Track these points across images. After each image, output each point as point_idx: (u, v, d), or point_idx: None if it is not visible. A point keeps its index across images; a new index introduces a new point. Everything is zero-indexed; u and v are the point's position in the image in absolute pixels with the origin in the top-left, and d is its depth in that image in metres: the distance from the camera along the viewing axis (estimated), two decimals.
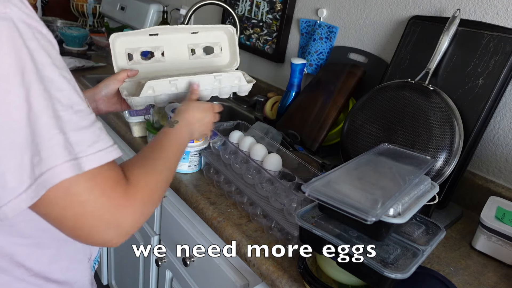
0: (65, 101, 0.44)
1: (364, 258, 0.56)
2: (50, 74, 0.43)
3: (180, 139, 0.72)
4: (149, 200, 0.53)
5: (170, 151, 0.66)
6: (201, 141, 0.99)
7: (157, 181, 0.56)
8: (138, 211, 0.50)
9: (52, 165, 0.42)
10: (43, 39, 0.44)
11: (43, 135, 0.42)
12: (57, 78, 0.44)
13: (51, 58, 0.44)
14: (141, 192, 0.51)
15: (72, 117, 0.44)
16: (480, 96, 0.90)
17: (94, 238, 0.47)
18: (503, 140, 0.97)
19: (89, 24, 2.57)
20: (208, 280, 0.94)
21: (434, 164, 0.86)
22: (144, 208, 0.51)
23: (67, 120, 0.44)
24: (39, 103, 0.41)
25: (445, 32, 0.95)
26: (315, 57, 1.35)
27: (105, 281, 1.65)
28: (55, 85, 0.43)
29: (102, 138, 0.47)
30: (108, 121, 1.31)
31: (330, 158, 1.16)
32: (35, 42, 0.42)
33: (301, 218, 0.64)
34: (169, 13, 2.05)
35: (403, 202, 0.59)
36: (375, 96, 1.01)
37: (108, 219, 0.47)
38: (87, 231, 0.46)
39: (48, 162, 0.42)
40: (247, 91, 0.98)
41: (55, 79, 0.43)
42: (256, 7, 1.57)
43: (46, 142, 0.42)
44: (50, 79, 0.43)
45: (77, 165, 0.43)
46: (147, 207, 0.53)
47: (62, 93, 0.44)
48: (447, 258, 0.81)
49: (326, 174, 0.65)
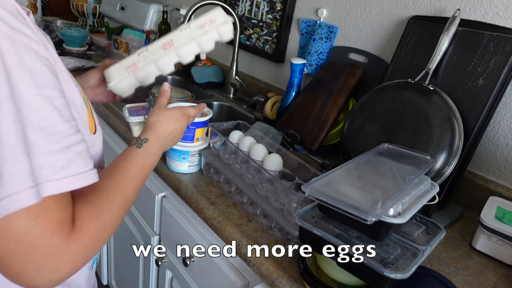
0: (37, 122, 0.42)
1: (364, 258, 0.56)
2: (26, 93, 0.41)
3: (147, 162, 0.65)
4: (95, 244, 0.49)
5: (131, 181, 0.59)
6: (201, 141, 0.99)
7: (108, 222, 0.52)
8: (79, 257, 0.47)
9: (12, 191, 0.40)
10: (30, 55, 0.42)
11: (8, 159, 0.40)
12: (34, 98, 0.42)
13: (34, 76, 0.42)
14: (86, 237, 0.47)
15: (41, 140, 0.42)
16: (480, 96, 0.90)
17: (22, 281, 0.44)
18: (503, 140, 0.97)
19: (89, 24, 2.57)
20: (208, 280, 0.94)
21: (434, 164, 0.86)
22: (87, 253, 0.48)
23: (34, 143, 0.42)
24: (7, 124, 0.40)
25: (445, 32, 0.95)
26: (315, 57, 1.35)
27: (105, 281, 1.65)
28: (30, 105, 0.41)
29: (74, 164, 0.45)
30: (108, 121, 1.31)
31: (330, 158, 1.16)
32: (15, 59, 0.41)
33: (301, 218, 0.64)
34: (169, 13, 2.05)
35: (403, 202, 0.59)
36: (375, 96, 1.01)
37: (41, 264, 0.43)
38: (15, 272, 0.43)
39: (9, 188, 0.40)
40: (229, 32, 0.89)
41: (31, 99, 0.42)
42: (256, 7, 1.57)
43: (10, 166, 0.40)
44: (24, 99, 0.41)
45: (37, 192, 0.41)
46: (91, 251, 0.49)
47: (37, 114, 0.42)
48: (447, 258, 0.81)
49: (326, 174, 0.65)
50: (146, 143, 0.67)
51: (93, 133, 0.59)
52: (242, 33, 1.64)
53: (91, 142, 0.59)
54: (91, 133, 0.59)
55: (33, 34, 0.44)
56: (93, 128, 0.59)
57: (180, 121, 0.77)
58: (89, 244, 0.48)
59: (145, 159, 0.64)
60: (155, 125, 0.72)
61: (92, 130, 0.59)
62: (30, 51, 0.42)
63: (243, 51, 1.66)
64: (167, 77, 1.81)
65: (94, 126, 0.60)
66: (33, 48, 0.43)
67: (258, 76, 1.66)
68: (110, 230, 0.53)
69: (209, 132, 1.03)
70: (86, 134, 0.56)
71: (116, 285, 1.59)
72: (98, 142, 0.62)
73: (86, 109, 0.57)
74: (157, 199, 1.11)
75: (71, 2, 2.52)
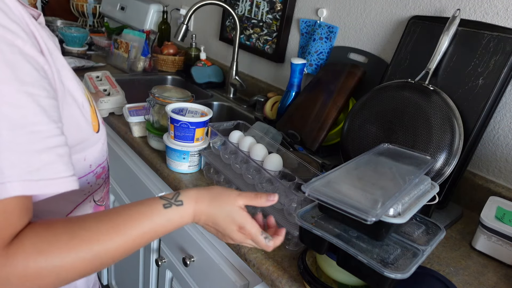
0: (16, 119, 0.40)
1: (364, 258, 0.56)
2: (4, 88, 0.40)
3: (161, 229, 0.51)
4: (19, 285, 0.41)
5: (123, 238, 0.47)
6: (201, 141, 0.99)
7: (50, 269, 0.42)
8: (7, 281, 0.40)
9: None
10: (12, 51, 0.41)
11: None
12: (14, 93, 0.40)
13: (15, 72, 0.41)
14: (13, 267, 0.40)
15: (18, 138, 0.40)
16: (480, 96, 0.90)
17: None
18: (503, 140, 0.97)
19: (89, 24, 2.57)
20: (208, 280, 0.94)
21: (434, 164, 0.86)
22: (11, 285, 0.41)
23: (8, 140, 0.40)
24: None
25: (445, 32, 0.95)
26: (315, 57, 1.35)
27: (105, 281, 1.65)
28: (8, 100, 0.40)
29: (53, 167, 0.42)
30: (108, 121, 1.31)
31: (330, 158, 1.16)
32: None
33: (301, 218, 0.64)
34: (169, 13, 2.05)
35: (403, 202, 0.59)
36: (375, 96, 1.01)
37: None
38: None
39: None
40: None
41: (10, 94, 0.40)
42: (256, 7, 1.57)
43: None
44: (2, 93, 0.40)
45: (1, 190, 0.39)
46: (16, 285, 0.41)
47: (16, 110, 0.40)
48: (447, 258, 0.81)
49: (326, 174, 0.65)
50: (178, 207, 0.53)
51: (97, 131, 0.59)
52: (242, 33, 1.64)
53: (94, 141, 0.59)
54: (94, 132, 0.58)
55: (22, 32, 0.43)
56: (96, 126, 0.59)
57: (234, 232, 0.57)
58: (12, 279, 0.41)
59: (160, 225, 0.51)
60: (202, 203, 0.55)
61: (96, 129, 0.59)
62: (13, 47, 0.41)
63: (243, 51, 1.66)
64: (167, 77, 1.81)
65: (98, 125, 0.60)
66: (17, 45, 0.42)
67: (258, 76, 1.66)
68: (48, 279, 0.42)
69: (209, 132, 1.03)
70: (89, 133, 0.57)
71: (116, 285, 1.59)
72: (101, 141, 0.62)
73: (89, 107, 0.57)
74: None
75: (71, 2, 2.52)
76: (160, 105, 1.07)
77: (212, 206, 0.56)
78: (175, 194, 0.54)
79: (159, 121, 1.08)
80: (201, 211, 0.55)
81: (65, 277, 0.44)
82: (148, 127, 1.10)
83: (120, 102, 1.30)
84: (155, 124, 1.09)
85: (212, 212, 0.56)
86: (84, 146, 0.57)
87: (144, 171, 1.21)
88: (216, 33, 1.82)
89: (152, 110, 1.08)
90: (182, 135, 0.96)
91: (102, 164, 0.65)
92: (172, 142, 0.98)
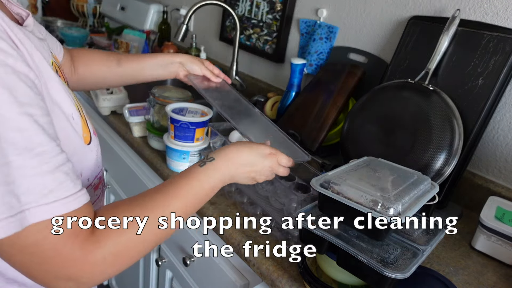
0: (22, 143, 0.40)
1: (364, 258, 0.56)
2: (6, 112, 0.39)
3: (207, 185, 0.58)
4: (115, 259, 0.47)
5: (177, 201, 0.54)
6: (201, 141, 1.00)
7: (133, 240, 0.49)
8: (98, 269, 0.46)
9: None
10: (6, 71, 0.40)
11: None
12: (16, 116, 0.40)
13: (13, 94, 0.40)
14: (104, 249, 0.46)
15: (29, 162, 0.40)
16: (480, 96, 0.90)
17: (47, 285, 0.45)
18: (503, 140, 0.97)
19: (89, 24, 2.57)
20: (208, 280, 0.94)
21: (433, 165, 0.86)
22: (105, 267, 0.46)
23: (19, 166, 0.40)
24: None
25: (445, 32, 0.95)
26: (315, 57, 1.35)
27: (105, 281, 1.65)
28: (12, 125, 0.39)
29: (63, 186, 0.43)
30: (108, 121, 1.32)
31: (330, 158, 1.16)
32: None
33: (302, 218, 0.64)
34: (169, 13, 2.05)
35: (403, 202, 0.59)
36: (375, 96, 1.01)
37: (57, 273, 0.44)
38: (38, 280, 0.45)
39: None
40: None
41: (13, 118, 0.39)
42: (256, 7, 1.57)
43: None
44: (5, 119, 0.39)
45: (18, 221, 0.40)
46: (111, 266, 0.47)
47: (21, 134, 0.40)
48: (447, 258, 0.81)
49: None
50: (211, 162, 0.59)
51: (87, 143, 0.58)
52: (242, 33, 1.65)
53: (84, 153, 0.57)
54: (84, 144, 0.57)
55: (11, 48, 0.42)
56: (87, 138, 0.57)
57: (264, 158, 0.64)
58: (108, 257, 0.46)
59: (204, 181, 0.58)
60: (229, 149, 0.63)
61: (87, 141, 0.57)
62: (6, 67, 0.40)
63: (243, 51, 1.66)
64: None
65: (89, 136, 0.58)
66: (9, 64, 0.40)
67: (258, 76, 1.66)
68: (134, 250, 0.49)
69: (209, 132, 1.03)
70: (79, 145, 0.55)
71: (116, 285, 1.59)
72: (92, 153, 0.60)
73: (79, 119, 0.56)
74: None
75: (71, 2, 2.52)
76: (160, 105, 1.07)
77: (241, 148, 0.64)
78: (206, 154, 0.63)
79: (159, 121, 1.09)
80: (232, 158, 0.62)
81: (148, 244, 0.51)
82: (148, 127, 1.10)
83: (122, 100, 1.30)
84: (155, 124, 1.09)
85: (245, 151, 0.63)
86: (75, 160, 0.56)
87: (144, 171, 1.21)
88: (216, 33, 1.83)
89: (152, 110, 1.08)
90: (182, 135, 0.96)
91: (99, 175, 0.65)
92: (172, 142, 0.98)
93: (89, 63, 0.89)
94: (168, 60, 0.94)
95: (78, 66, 0.87)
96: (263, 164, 0.64)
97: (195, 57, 0.99)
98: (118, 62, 0.91)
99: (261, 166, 0.64)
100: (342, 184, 0.61)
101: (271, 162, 0.66)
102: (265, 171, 0.65)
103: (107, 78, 0.91)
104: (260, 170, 0.65)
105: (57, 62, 0.62)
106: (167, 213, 0.52)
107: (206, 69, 0.98)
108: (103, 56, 0.91)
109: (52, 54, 0.61)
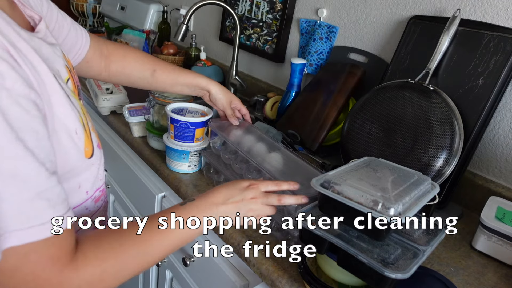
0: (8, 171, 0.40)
1: (365, 258, 0.56)
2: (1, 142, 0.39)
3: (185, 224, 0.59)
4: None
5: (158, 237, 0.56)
6: (201, 141, 0.99)
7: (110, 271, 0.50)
8: None
9: None
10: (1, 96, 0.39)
11: None
12: (8, 144, 0.40)
13: (6, 119, 0.39)
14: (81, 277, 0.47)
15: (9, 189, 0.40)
16: (480, 96, 0.90)
17: None
18: (503, 140, 0.97)
19: (89, 24, 2.57)
20: (208, 280, 0.94)
21: (433, 165, 0.86)
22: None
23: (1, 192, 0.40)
24: None
25: (445, 32, 0.95)
26: (315, 57, 1.34)
27: None
28: (3, 154, 0.39)
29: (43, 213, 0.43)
30: (108, 121, 1.31)
31: (330, 158, 1.16)
32: None
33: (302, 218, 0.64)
34: (169, 13, 2.05)
35: (404, 202, 0.59)
36: (375, 96, 1.01)
37: None
38: None
39: None
40: None
41: (5, 146, 0.40)
42: (256, 7, 1.57)
43: None
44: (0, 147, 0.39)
45: None
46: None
47: (9, 162, 0.40)
48: (447, 258, 0.81)
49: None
50: (192, 201, 0.62)
51: (89, 157, 0.57)
52: (242, 33, 1.64)
53: (85, 167, 0.57)
54: (85, 158, 0.56)
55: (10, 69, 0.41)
56: (89, 152, 0.57)
57: (243, 191, 0.65)
58: (83, 286, 0.47)
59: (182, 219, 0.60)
60: (209, 191, 0.65)
61: (88, 155, 0.57)
62: (1, 91, 0.40)
63: (243, 51, 1.66)
64: None
65: (92, 150, 0.58)
66: (6, 87, 0.40)
67: (258, 76, 1.66)
68: (109, 281, 0.50)
69: (209, 132, 1.03)
70: (78, 159, 0.55)
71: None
72: (94, 166, 0.60)
73: (83, 133, 0.55)
74: (157, 199, 1.11)
75: (71, 2, 2.52)
76: (160, 105, 1.07)
77: (222, 187, 0.65)
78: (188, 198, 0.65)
79: (159, 121, 1.08)
80: (213, 196, 0.63)
81: (122, 276, 0.52)
82: (148, 127, 1.10)
83: (122, 100, 1.30)
84: (155, 124, 1.09)
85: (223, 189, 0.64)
86: (74, 173, 0.56)
87: (144, 171, 1.21)
88: (216, 33, 1.82)
89: (152, 110, 1.08)
90: (182, 135, 0.96)
91: (100, 188, 0.64)
92: (172, 142, 0.97)
93: (124, 65, 0.91)
94: (199, 85, 0.99)
95: (111, 64, 0.88)
96: (242, 195, 0.64)
97: (227, 90, 1.02)
98: (152, 73, 0.94)
99: (240, 198, 0.64)
100: (343, 184, 0.61)
101: (253, 193, 0.65)
102: (248, 202, 0.64)
103: (137, 82, 0.96)
104: (242, 202, 0.64)
105: (70, 66, 0.61)
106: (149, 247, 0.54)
107: (228, 108, 1.01)
108: (138, 60, 0.93)
109: (65, 57, 0.60)
